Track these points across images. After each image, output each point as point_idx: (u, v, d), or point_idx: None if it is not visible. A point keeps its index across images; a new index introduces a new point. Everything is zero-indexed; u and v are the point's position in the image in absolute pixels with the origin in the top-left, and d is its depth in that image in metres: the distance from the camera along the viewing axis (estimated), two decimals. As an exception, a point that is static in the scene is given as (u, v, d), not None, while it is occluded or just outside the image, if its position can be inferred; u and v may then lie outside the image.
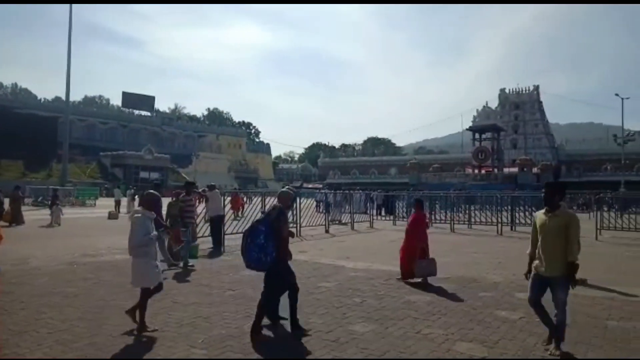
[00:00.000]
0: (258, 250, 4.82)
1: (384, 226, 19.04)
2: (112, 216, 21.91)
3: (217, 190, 12.56)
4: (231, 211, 17.69)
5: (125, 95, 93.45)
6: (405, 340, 4.91)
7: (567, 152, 76.63)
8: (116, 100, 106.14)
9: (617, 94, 51.81)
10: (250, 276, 6.88)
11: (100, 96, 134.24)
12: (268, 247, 4.82)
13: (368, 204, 23.22)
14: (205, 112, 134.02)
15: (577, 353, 4.48)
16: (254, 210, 13.74)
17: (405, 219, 19.37)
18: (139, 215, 5.09)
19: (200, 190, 13.11)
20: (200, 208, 12.24)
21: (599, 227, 15.03)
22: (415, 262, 7.77)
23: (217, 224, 11.83)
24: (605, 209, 18.11)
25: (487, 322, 5.55)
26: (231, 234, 12.12)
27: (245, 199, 25.94)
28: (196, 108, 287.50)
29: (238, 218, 16.12)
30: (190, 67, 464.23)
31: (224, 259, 10.28)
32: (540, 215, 4.72)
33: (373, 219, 20.10)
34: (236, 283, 7.63)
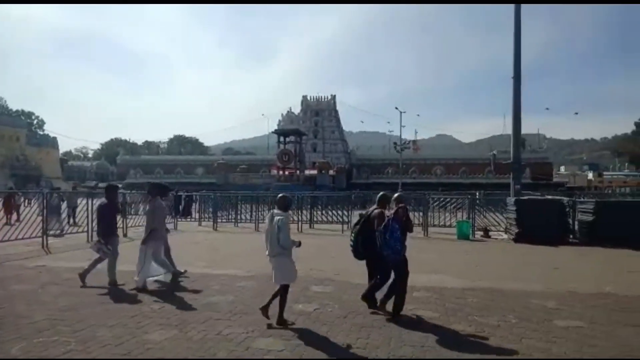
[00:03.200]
0: (398, 243, 5.60)
1: (187, 228, 18.43)
2: None
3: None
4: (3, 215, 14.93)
5: None
6: (205, 343, 4.77)
7: (358, 157, 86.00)
8: None
9: (396, 108, 60.34)
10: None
11: None
12: (403, 240, 5.69)
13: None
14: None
15: (365, 333, 4.99)
16: (31, 214, 11.86)
17: (209, 219, 19.15)
18: (283, 217, 5.42)
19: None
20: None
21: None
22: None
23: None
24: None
25: (285, 317, 5.77)
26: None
27: (23, 200, 22.22)
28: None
29: (10, 224, 13.70)
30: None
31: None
32: None
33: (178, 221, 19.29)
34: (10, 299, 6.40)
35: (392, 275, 5.91)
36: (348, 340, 4.89)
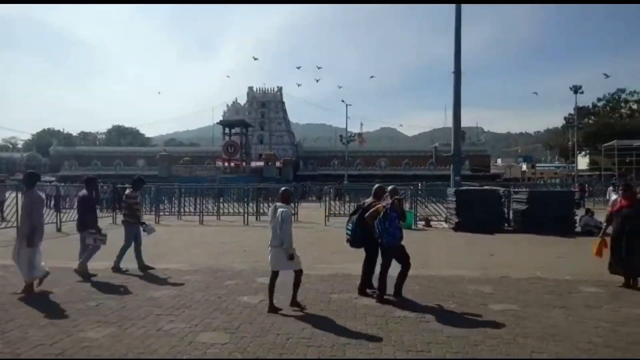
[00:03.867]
0: (397, 230, 6.25)
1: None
2: None
3: None
4: None
5: None
6: (146, 339, 4.62)
7: (305, 149, 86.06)
8: None
9: (343, 101, 60.89)
10: None
11: None
12: (400, 227, 6.32)
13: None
14: None
15: (310, 319, 5.02)
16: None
17: (152, 213, 18.52)
18: (286, 209, 5.66)
19: None
20: None
21: (327, 214, 17.35)
22: None
23: None
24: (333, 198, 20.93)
25: (230, 310, 5.70)
26: None
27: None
28: None
29: None
30: None
31: None
32: None
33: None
34: None
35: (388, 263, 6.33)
36: (294, 331, 4.90)
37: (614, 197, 18.43)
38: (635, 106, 72.61)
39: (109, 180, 23.37)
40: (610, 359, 4.31)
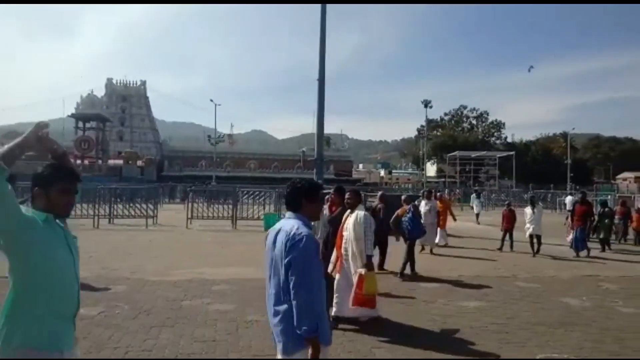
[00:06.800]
0: (421, 225, 9.15)
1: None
2: None
3: None
4: None
5: None
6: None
7: (171, 148, 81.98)
8: None
9: (211, 100, 59.30)
10: None
11: None
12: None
13: None
14: None
15: (155, 329, 4.71)
16: None
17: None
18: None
19: None
20: None
21: (189, 216, 16.67)
22: None
23: None
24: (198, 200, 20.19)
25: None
26: None
27: None
28: None
29: None
30: None
31: None
32: None
33: None
34: None
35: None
36: (134, 343, 4.55)
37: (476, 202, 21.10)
38: (474, 121, 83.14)
39: None
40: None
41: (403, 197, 9.89)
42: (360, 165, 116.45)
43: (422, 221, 9.41)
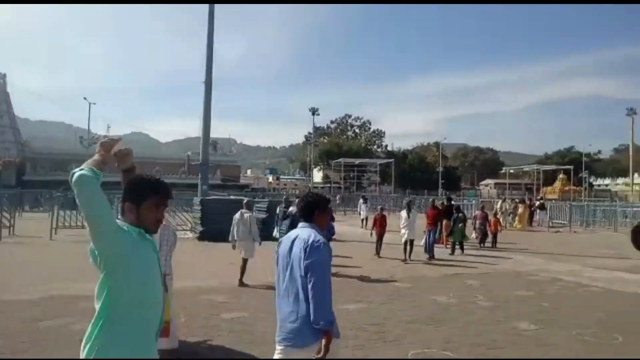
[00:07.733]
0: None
1: None
2: None
3: None
4: None
5: None
6: None
7: (35, 149, 73.63)
8: None
9: (85, 98, 54.58)
10: None
11: None
12: None
13: None
14: None
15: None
16: None
17: None
18: (250, 214, 8.75)
19: None
20: None
21: (54, 226, 15.02)
22: None
23: None
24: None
25: None
26: None
27: None
28: None
29: None
30: None
31: None
32: None
33: None
34: None
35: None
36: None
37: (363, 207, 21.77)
38: (358, 130, 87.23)
39: None
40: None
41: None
42: (249, 171, 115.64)
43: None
